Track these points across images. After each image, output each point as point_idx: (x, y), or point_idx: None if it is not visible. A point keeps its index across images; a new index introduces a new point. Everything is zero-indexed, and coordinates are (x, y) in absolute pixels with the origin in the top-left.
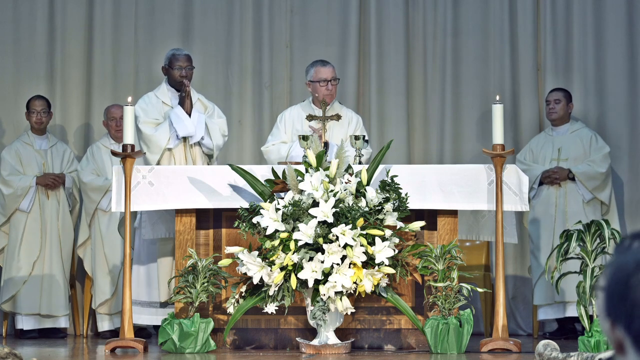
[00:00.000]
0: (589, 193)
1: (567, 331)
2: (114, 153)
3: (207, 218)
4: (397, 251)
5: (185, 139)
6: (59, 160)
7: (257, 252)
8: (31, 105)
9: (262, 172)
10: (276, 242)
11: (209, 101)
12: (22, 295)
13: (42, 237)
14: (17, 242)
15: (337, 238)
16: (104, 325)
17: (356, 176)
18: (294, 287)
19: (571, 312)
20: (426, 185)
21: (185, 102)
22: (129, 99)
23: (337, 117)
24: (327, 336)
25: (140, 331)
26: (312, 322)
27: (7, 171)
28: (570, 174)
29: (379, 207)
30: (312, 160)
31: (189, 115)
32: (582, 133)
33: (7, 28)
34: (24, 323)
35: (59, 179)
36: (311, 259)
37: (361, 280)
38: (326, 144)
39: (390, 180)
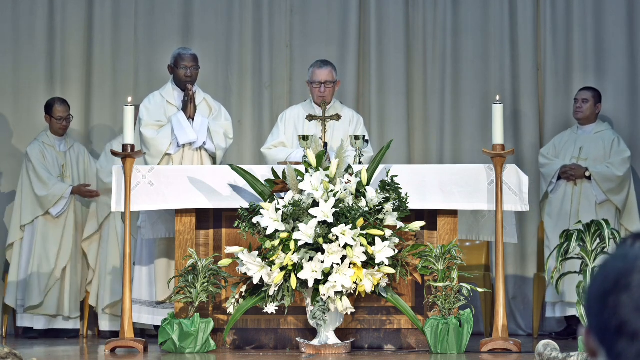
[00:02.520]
0: (602, 194)
1: (574, 331)
2: (113, 153)
3: (207, 218)
4: (397, 251)
5: (185, 144)
6: (77, 162)
7: (257, 252)
8: (55, 111)
9: (262, 172)
10: (276, 242)
11: (215, 101)
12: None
13: (61, 244)
14: (35, 246)
15: (337, 238)
16: (104, 324)
17: (356, 176)
18: (294, 287)
19: (571, 312)
20: (426, 185)
21: (187, 107)
22: (129, 99)
23: (337, 117)
24: (327, 336)
25: (141, 331)
26: (312, 322)
27: (43, 172)
28: (587, 172)
29: (379, 207)
30: (312, 160)
31: (192, 119)
32: (606, 135)
33: (7, 27)
34: (34, 322)
35: (94, 193)
36: (311, 259)
37: (361, 280)
38: (326, 145)
39: (390, 180)
